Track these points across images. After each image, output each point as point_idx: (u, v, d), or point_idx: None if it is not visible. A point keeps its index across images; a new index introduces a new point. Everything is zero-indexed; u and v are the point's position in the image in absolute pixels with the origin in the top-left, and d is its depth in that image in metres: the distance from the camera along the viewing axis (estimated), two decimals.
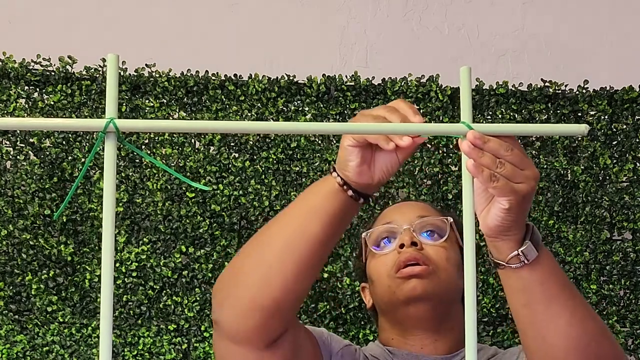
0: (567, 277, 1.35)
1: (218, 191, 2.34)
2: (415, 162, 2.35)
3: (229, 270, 1.44)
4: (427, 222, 1.63)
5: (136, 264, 2.31)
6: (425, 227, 1.63)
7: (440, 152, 2.37)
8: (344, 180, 1.31)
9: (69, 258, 2.30)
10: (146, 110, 2.35)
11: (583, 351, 1.30)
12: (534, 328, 1.32)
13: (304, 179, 2.37)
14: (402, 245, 1.59)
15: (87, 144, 2.33)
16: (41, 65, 2.33)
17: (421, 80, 2.38)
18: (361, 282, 1.76)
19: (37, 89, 2.34)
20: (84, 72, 2.34)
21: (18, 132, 2.32)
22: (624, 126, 2.41)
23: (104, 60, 2.35)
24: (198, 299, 2.32)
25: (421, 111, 2.37)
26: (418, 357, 1.61)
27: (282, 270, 1.35)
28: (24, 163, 2.32)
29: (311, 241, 1.34)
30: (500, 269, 1.30)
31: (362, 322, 2.34)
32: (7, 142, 2.32)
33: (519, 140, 2.35)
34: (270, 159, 2.36)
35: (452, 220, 1.66)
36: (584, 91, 2.40)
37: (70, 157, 2.34)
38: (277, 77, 2.38)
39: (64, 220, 2.31)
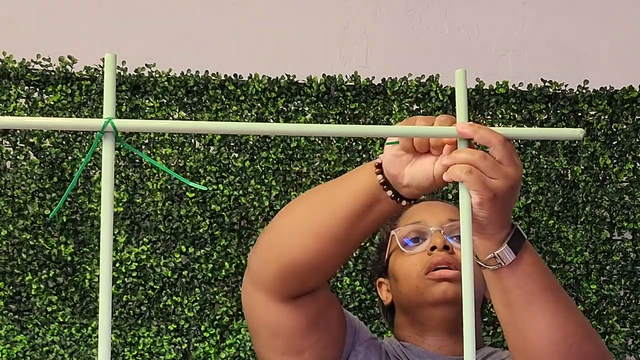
0: (553, 279, 1.34)
1: (218, 191, 2.34)
2: None
3: (274, 220, 1.48)
4: (456, 227, 1.60)
5: (136, 264, 2.31)
6: (455, 231, 1.61)
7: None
8: (381, 164, 1.31)
9: (69, 258, 2.30)
10: (146, 110, 2.35)
11: (565, 354, 1.30)
12: (515, 328, 1.33)
13: (304, 179, 2.37)
14: (433, 248, 1.58)
15: (87, 144, 2.33)
16: (41, 65, 2.33)
17: (421, 80, 2.38)
18: (378, 277, 1.75)
19: (37, 89, 2.34)
20: (84, 72, 2.34)
21: (18, 132, 2.32)
22: (624, 126, 2.41)
23: (104, 60, 2.34)
24: (198, 299, 2.32)
25: (421, 111, 2.37)
26: (434, 356, 1.61)
27: (301, 232, 1.38)
28: (24, 163, 2.32)
29: (337, 212, 1.35)
30: (482, 269, 1.30)
31: (362, 322, 2.34)
32: (7, 142, 2.32)
33: (519, 140, 2.36)
34: (270, 159, 2.36)
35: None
36: (584, 91, 2.40)
37: (70, 157, 2.34)
38: (277, 77, 2.38)
39: (64, 220, 2.31)
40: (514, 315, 1.31)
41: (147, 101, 2.36)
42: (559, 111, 2.40)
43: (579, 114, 2.42)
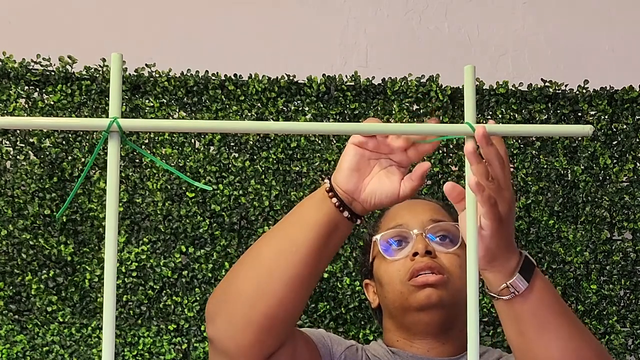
0: (562, 302, 1.34)
1: (218, 191, 2.34)
2: (415, 162, 2.35)
3: (221, 286, 1.40)
4: (439, 228, 1.61)
5: (136, 264, 2.31)
6: (437, 232, 1.61)
7: (440, 152, 2.37)
8: (332, 187, 1.29)
9: (69, 258, 2.30)
10: (146, 110, 2.35)
11: None
12: (528, 355, 1.31)
13: (304, 179, 2.37)
14: (415, 253, 1.58)
15: (87, 144, 2.33)
16: (41, 65, 2.33)
17: (421, 80, 2.38)
18: (364, 278, 1.75)
19: (37, 89, 2.34)
20: (84, 72, 2.34)
21: (18, 132, 2.32)
22: (624, 126, 2.41)
23: (104, 60, 2.35)
24: (198, 299, 2.32)
25: (421, 111, 2.37)
26: (423, 359, 1.61)
27: (273, 285, 1.31)
28: (24, 163, 2.32)
29: (301, 252, 1.31)
30: (493, 300, 1.29)
31: (362, 322, 2.34)
32: (7, 142, 2.32)
33: (519, 140, 2.36)
34: (270, 159, 2.36)
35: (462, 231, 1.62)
36: (584, 91, 2.40)
37: (70, 157, 2.33)
38: (277, 77, 2.38)
39: (64, 220, 2.31)
40: (528, 343, 1.30)
41: (147, 101, 2.36)
42: (559, 111, 2.41)
43: (579, 114, 2.42)
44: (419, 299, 1.55)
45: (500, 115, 2.39)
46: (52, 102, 2.33)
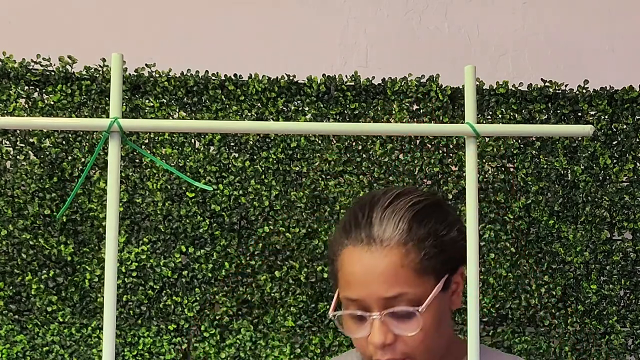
0: None
1: (218, 191, 2.34)
2: (415, 162, 2.35)
3: None
4: (395, 311, 1.44)
5: (136, 264, 2.31)
6: (397, 314, 1.44)
7: (440, 152, 2.37)
8: None
9: (69, 258, 2.30)
10: (146, 110, 2.35)
11: None
12: None
13: (304, 179, 2.37)
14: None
15: (87, 144, 2.33)
16: (41, 65, 2.33)
17: (421, 80, 2.38)
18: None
19: (37, 89, 2.34)
20: (84, 72, 2.34)
21: (18, 132, 2.32)
22: (624, 126, 2.41)
23: (104, 60, 2.35)
24: (198, 299, 2.32)
25: (421, 111, 2.37)
26: None
27: None
28: (24, 163, 2.32)
29: None
30: None
31: None
32: (7, 142, 2.32)
33: (519, 140, 2.36)
34: (270, 159, 2.36)
35: (420, 309, 1.44)
36: (584, 91, 2.41)
37: (70, 157, 2.34)
38: (277, 77, 2.38)
39: (64, 220, 2.31)
40: None
41: (147, 101, 2.36)
42: (559, 111, 2.41)
43: (579, 114, 2.42)
44: None
45: (500, 115, 2.39)
46: (52, 102, 2.33)
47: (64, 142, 2.34)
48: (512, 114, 2.39)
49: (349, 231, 1.49)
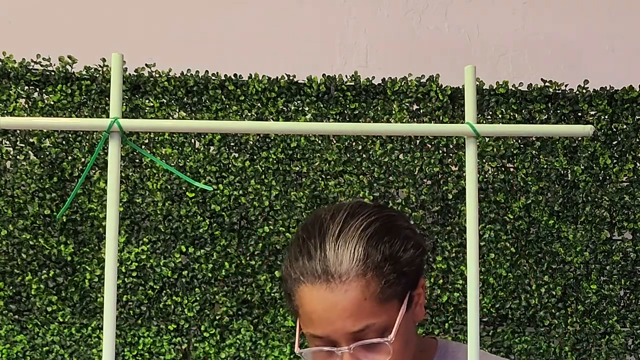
0: None
1: (218, 191, 2.34)
2: (415, 162, 2.35)
3: None
4: (364, 343, 1.42)
5: (136, 264, 2.31)
6: (365, 346, 1.42)
7: (440, 152, 2.37)
8: None
9: (69, 258, 2.30)
10: (146, 110, 2.35)
11: None
12: None
13: (304, 179, 2.37)
14: None
15: (87, 144, 2.33)
16: (41, 65, 2.33)
17: (421, 80, 2.38)
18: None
19: (37, 89, 2.34)
20: (84, 72, 2.34)
21: (18, 132, 2.32)
22: (624, 126, 2.41)
23: (104, 60, 2.35)
24: (198, 299, 2.32)
25: (421, 111, 2.37)
26: None
27: None
28: (24, 163, 2.32)
29: None
30: None
31: None
32: (7, 142, 2.32)
33: (519, 140, 2.36)
34: (270, 159, 2.36)
35: (390, 338, 1.41)
36: (584, 91, 2.41)
37: (70, 157, 2.33)
38: (277, 77, 2.38)
39: (64, 220, 2.31)
40: None
41: (147, 101, 2.36)
42: (559, 111, 2.41)
43: (579, 114, 2.42)
44: None
45: (500, 115, 2.39)
46: (52, 102, 2.33)
47: (64, 142, 2.34)
48: (512, 114, 2.39)
49: (302, 267, 1.43)
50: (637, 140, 2.41)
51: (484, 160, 2.37)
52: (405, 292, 1.42)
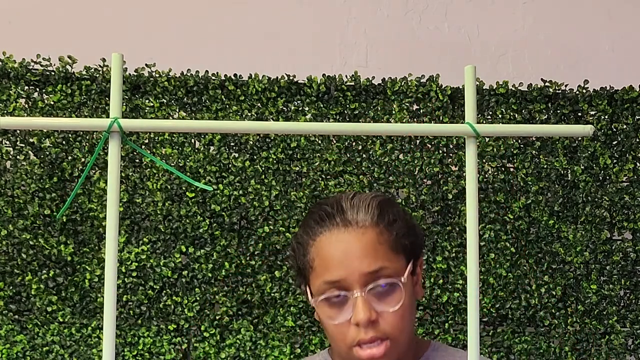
0: None
1: (218, 191, 2.34)
2: (415, 162, 2.35)
3: None
4: (380, 284, 1.48)
5: (136, 264, 2.31)
6: (378, 288, 1.48)
7: (440, 152, 2.37)
8: None
9: (69, 258, 2.30)
10: (146, 110, 2.35)
11: None
12: None
13: (304, 179, 2.37)
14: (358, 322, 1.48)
15: (87, 144, 2.33)
16: (41, 65, 2.33)
17: (421, 80, 2.38)
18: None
19: (37, 89, 2.34)
20: (84, 72, 2.34)
21: (18, 132, 2.32)
22: (624, 126, 2.41)
23: (104, 60, 2.35)
24: (198, 299, 2.32)
25: (421, 111, 2.37)
26: None
27: None
28: (24, 163, 2.32)
29: None
30: None
31: None
32: (7, 142, 2.32)
33: (519, 140, 2.36)
34: (270, 159, 2.36)
35: (403, 279, 1.51)
36: (584, 91, 2.41)
37: (70, 157, 2.33)
38: (277, 77, 2.38)
39: (64, 220, 2.31)
40: None
41: (147, 101, 2.36)
42: (559, 111, 2.41)
43: (579, 114, 2.42)
44: None
45: (500, 115, 2.39)
46: (52, 102, 2.33)
47: (64, 142, 2.34)
48: (512, 114, 2.39)
49: (320, 222, 1.55)
50: (637, 140, 2.41)
51: (484, 160, 2.37)
52: (411, 254, 1.53)
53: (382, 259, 1.49)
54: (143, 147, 2.36)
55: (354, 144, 2.37)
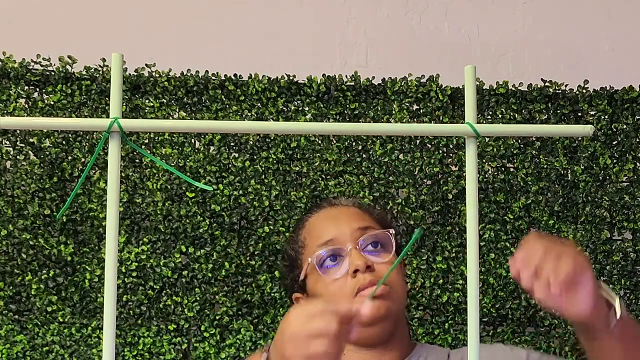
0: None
1: (218, 191, 2.34)
2: (415, 162, 2.35)
3: None
4: (371, 237, 1.63)
5: (136, 264, 2.31)
6: (370, 242, 1.62)
7: (440, 152, 2.37)
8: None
9: (69, 258, 2.30)
10: (146, 110, 2.35)
11: None
12: None
13: (304, 179, 2.37)
14: (356, 270, 1.58)
15: (87, 144, 2.33)
16: (41, 65, 2.33)
17: (421, 80, 2.38)
18: (293, 293, 1.77)
19: (37, 89, 2.34)
20: (84, 72, 2.34)
21: (18, 132, 2.31)
22: (624, 126, 2.41)
23: (104, 60, 2.35)
24: (198, 299, 2.32)
25: (421, 111, 2.37)
26: None
27: None
28: (24, 163, 2.32)
29: None
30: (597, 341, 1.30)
31: None
32: (7, 142, 2.32)
33: (519, 140, 2.36)
34: (270, 159, 2.36)
35: (392, 231, 1.67)
36: (584, 91, 2.41)
37: (70, 157, 2.33)
38: (277, 77, 2.38)
39: (64, 220, 2.31)
40: None
41: (147, 101, 2.36)
42: (559, 111, 2.41)
43: (579, 114, 2.42)
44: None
45: (500, 115, 2.39)
46: (52, 102, 2.32)
47: (64, 142, 2.33)
48: (512, 114, 2.39)
49: (309, 210, 1.79)
50: (637, 140, 2.41)
51: (484, 160, 2.37)
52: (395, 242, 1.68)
53: (370, 221, 1.67)
54: (143, 147, 2.36)
55: (354, 144, 2.37)
